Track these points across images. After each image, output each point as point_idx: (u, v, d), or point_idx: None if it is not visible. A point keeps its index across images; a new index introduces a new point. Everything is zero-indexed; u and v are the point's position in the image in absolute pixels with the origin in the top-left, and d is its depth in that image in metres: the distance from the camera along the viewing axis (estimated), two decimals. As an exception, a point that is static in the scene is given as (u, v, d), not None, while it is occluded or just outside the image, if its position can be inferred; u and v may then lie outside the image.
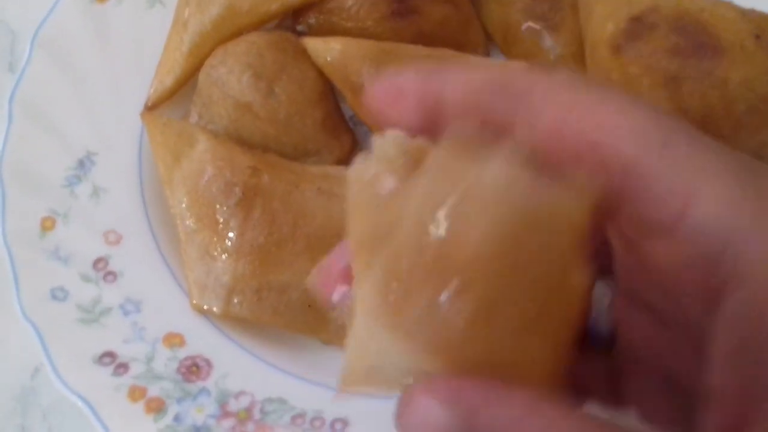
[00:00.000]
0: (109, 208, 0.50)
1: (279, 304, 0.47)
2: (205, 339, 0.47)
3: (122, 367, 0.44)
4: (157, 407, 0.43)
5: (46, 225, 0.48)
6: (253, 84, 0.51)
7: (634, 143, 0.22)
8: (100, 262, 0.48)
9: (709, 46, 0.47)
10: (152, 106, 0.54)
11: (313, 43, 0.53)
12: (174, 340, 0.46)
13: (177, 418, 0.43)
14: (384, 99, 0.26)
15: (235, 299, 0.47)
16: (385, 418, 0.44)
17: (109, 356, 0.45)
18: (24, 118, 0.51)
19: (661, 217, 0.22)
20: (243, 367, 0.46)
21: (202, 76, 0.52)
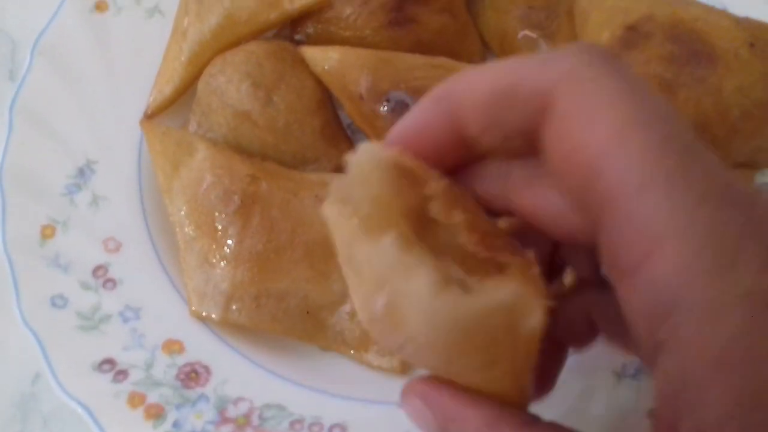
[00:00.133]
0: (108, 216, 0.50)
1: (277, 311, 0.47)
2: (203, 346, 0.47)
3: (122, 374, 0.45)
4: (156, 413, 0.43)
5: (46, 233, 0.48)
6: (252, 93, 0.51)
7: (617, 178, 0.23)
8: (99, 270, 0.48)
9: (704, 54, 0.47)
10: (151, 115, 0.54)
11: (312, 52, 0.53)
12: (173, 346, 0.46)
13: (176, 424, 0.43)
14: (405, 146, 0.27)
15: (234, 306, 0.47)
16: (383, 424, 0.44)
17: (108, 363, 0.45)
18: (24, 127, 0.51)
19: (626, 260, 0.23)
20: (242, 374, 0.46)
21: (201, 85, 0.52)
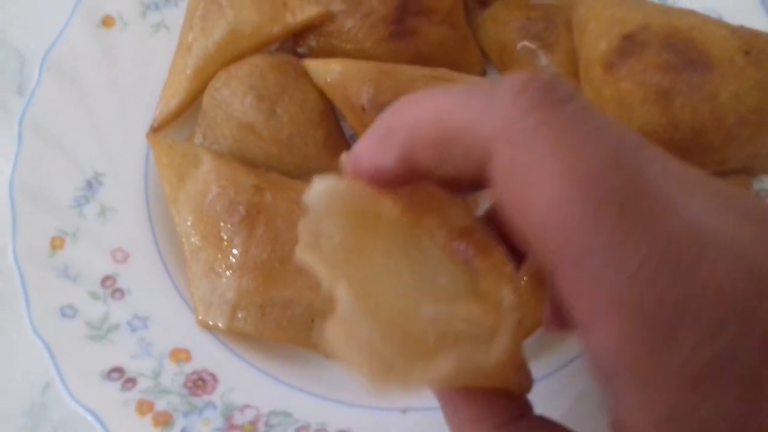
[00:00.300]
0: (116, 228, 0.51)
1: (282, 320, 0.48)
2: (210, 354, 0.47)
3: (130, 382, 0.45)
4: (164, 421, 0.44)
5: (56, 244, 0.49)
6: (256, 105, 0.52)
7: (557, 248, 0.22)
8: (108, 280, 0.49)
9: (700, 62, 0.48)
10: (158, 128, 0.55)
11: (314, 65, 0.54)
12: (180, 355, 0.47)
13: (184, 431, 0.44)
14: (361, 176, 0.27)
15: (240, 315, 0.48)
16: (387, 430, 0.45)
17: (117, 371, 0.46)
18: (33, 140, 0.52)
19: (575, 318, 0.23)
20: (248, 381, 0.47)
21: (206, 98, 0.53)
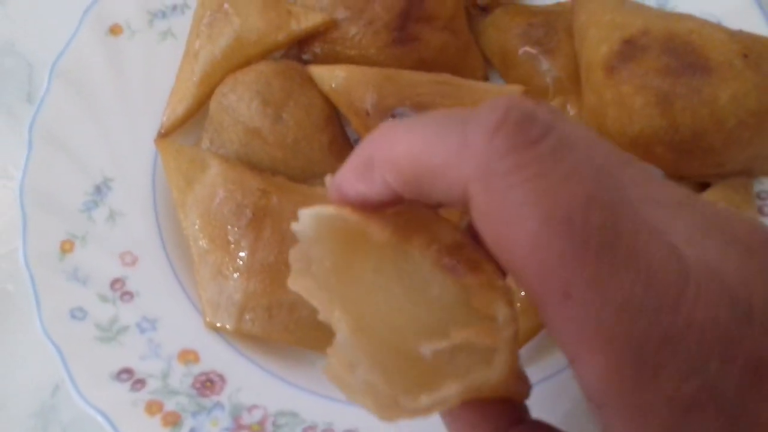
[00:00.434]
0: (125, 231, 0.52)
1: (289, 321, 0.48)
2: (218, 355, 0.48)
3: (139, 383, 0.46)
4: (173, 421, 0.45)
5: (65, 248, 0.50)
6: (262, 110, 0.53)
7: (539, 288, 0.23)
8: (117, 283, 0.50)
9: (699, 66, 0.48)
10: (165, 133, 0.55)
11: (319, 71, 0.55)
12: (189, 356, 0.48)
13: (193, 431, 0.45)
14: (346, 203, 0.27)
15: (247, 317, 0.48)
16: (394, 430, 0.45)
17: (126, 372, 0.46)
18: (43, 146, 0.53)
19: (561, 349, 0.24)
20: (255, 382, 0.47)
21: (213, 104, 0.54)
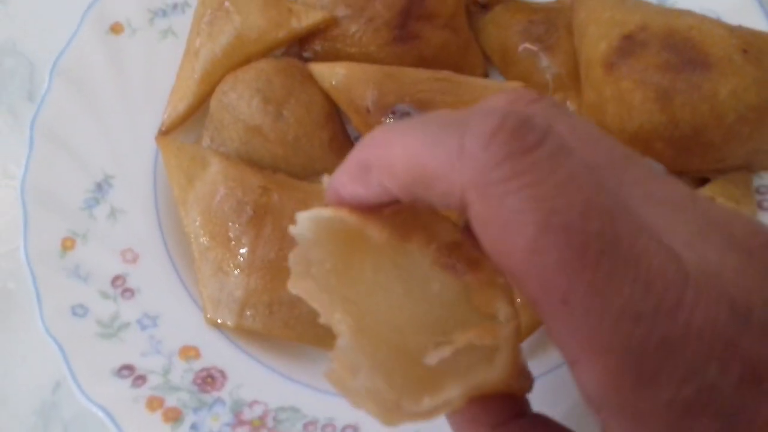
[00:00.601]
0: (126, 229, 0.52)
1: (290, 318, 0.48)
2: (219, 351, 0.48)
3: (140, 379, 0.46)
4: (174, 417, 0.45)
5: (67, 245, 0.50)
6: (263, 108, 0.53)
7: (538, 293, 0.22)
8: (118, 280, 0.50)
9: (699, 61, 0.48)
10: (166, 131, 0.55)
11: (319, 69, 0.55)
12: (189, 352, 0.48)
13: (194, 426, 0.45)
14: (343, 205, 0.27)
15: (248, 313, 0.48)
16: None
17: (127, 369, 0.46)
18: (44, 144, 0.53)
19: (561, 352, 0.24)
20: (256, 378, 0.47)
21: (214, 102, 0.54)
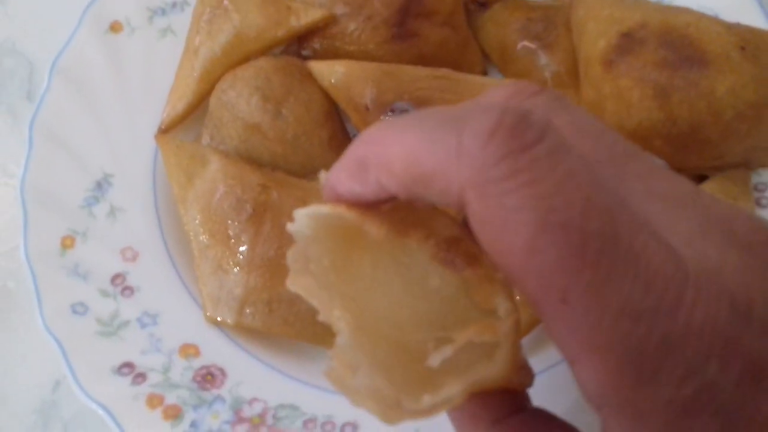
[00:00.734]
0: (125, 227, 0.52)
1: (289, 315, 0.48)
2: (219, 349, 0.48)
3: (140, 377, 0.46)
4: (174, 414, 0.45)
5: (66, 243, 0.50)
6: (262, 106, 0.53)
7: (536, 293, 0.22)
8: (117, 278, 0.50)
9: (696, 59, 0.48)
10: (166, 130, 0.56)
11: (318, 67, 0.55)
12: (189, 350, 0.48)
13: (193, 424, 0.45)
14: (341, 201, 0.27)
15: (247, 311, 0.48)
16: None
17: (127, 367, 0.46)
18: (44, 143, 0.53)
19: (560, 351, 0.24)
20: (256, 376, 0.47)
21: (213, 100, 0.54)
